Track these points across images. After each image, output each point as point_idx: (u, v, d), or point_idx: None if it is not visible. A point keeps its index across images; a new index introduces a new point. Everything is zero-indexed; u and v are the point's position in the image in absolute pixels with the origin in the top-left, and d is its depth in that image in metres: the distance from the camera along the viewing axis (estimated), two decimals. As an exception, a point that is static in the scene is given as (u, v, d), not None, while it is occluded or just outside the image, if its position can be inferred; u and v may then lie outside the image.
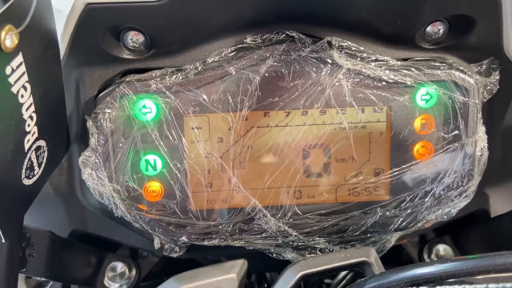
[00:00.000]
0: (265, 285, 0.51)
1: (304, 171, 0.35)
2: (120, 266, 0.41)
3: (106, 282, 0.40)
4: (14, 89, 0.26)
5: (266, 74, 0.33)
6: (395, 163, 0.35)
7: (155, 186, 0.34)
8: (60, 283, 0.41)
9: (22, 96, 0.27)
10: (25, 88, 0.27)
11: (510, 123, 0.37)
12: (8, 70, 0.25)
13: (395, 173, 0.34)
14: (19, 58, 0.25)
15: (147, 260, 0.43)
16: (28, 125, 0.29)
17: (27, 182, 0.31)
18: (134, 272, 0.41)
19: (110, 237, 0.39)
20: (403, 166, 0.34)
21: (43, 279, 0.40)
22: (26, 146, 0.29)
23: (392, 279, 0.24)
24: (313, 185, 0.35)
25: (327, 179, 0.35)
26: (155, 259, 0.42)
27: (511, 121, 0.37)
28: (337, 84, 0.33)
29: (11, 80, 0.25)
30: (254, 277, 0.45)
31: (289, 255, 0.35)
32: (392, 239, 0.36)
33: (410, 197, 0.35)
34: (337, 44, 0.32)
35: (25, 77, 0.26)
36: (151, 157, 0.34)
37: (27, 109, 0.28)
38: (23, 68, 0.26)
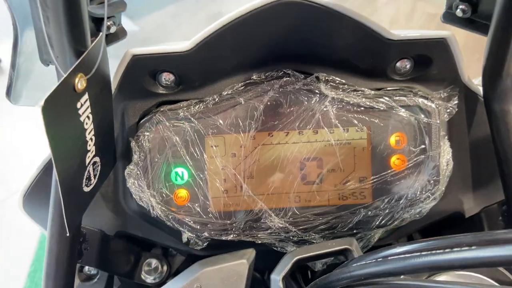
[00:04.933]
0: None
1: (301, 179, 0.41)
2: (154, 262, 0.47)
3: (143, 275, 0.46)
4: (81, 119, 0.34)
5: (268, 103, 0.40)
6: (375, 172, 0.41)
7: (183, 192, 0.41)
8: (105, 278, 0.45)
9: (86, 123, 0.35)
10: (88, 117, 0.34)
11: (475, 138, 0.43)
12: (78, 105, 0.33)
13: (375, 180, 0.41)
14: (85, 96, 0.33)
15: (176, 258, 0.49)
16: (89, 145, 0.35)
17: (86, 189, 0.37)
18: (165, 267, 0.47)
19: (147, 237, 0.45)
20: (382, 174, 0.41)
21: (92, 272, 0.45)
22: (87, 161, 0.36)
23: (368, 258, 0.31)
24: (309, 191, 0.41)
25: (320, 186, 0.41)
26: (182, 257, 0.48)
27: (476, 136, 0.43)
28: (324, 109, 0.40)
29: (80, 112, 0.33)
30: (267, 274, 0.52)
31: (290, 248, 0.42)
32: (375, 235, 0.42)
33: (388, 199, 0.41)
34: (323, 79, 0.40)
35: (89, 110, 0.34)
36: (179, 170, 0.41)
37: (89, 133, 0.35)
38: (87, 103, 0.34)
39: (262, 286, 0.47)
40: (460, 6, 0.36)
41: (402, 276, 0.30)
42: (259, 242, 0.41)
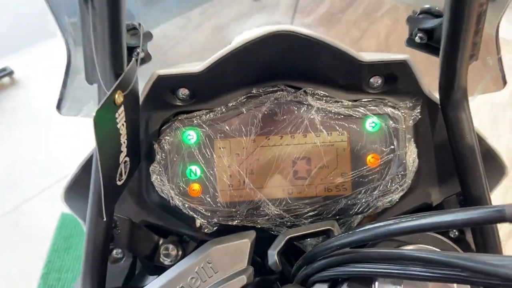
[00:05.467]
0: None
1: (293, 175, 0.49)
2: (171, 247, 0.53)
3: (161, 258, 0.52)
4: (118, 126, 0.39)
5: (265, 112, 0.48)
6: (354, 168, 0.49)
7: (196, 186, 0.49)
8: (129, 261, 0.53)
9: (121, 130, 0.41)
10: (123, 125, 0.41)
11: (437, 140, 0.51)
12: (116, 115, 0.39)
13: (354, 175, 0.49)
14: (122, 108, 0.40)
15: (189, 244, 0.55)
16: (123, 147, 0.41)
17: (118, 183, 0.43)
18: (180, 252, 0.53)
19: (165, 225, 0.52)
20: (359, 170, 0.48)
21: (119, 256, 0.53)
22: (120, 159, 0.42)
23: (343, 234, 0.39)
24: (300, 184, 0.49)
25: (309, 180, 0.49)
26: (194, 243, 0.55)
27: (438, 138, 0.51)
28: (311, 117, 0.48)
29: (117, 120, 0.40)
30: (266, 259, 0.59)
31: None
32: (355, 221, 0.50)
33: (364, 190, 0.49)
34: (310, 92, 0.48)
35: (124, 119, 0.40)
36: (193, 167, 0.49)
37: (123, 137, 0.41)
38: (123, 114, 0.41)
39: (262, 268, 0.55)
40: (419, 34, 0.44)
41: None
42: (259, 227, 0.49)
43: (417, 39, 0.44)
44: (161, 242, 0.53)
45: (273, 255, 0.42)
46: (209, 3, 2.38)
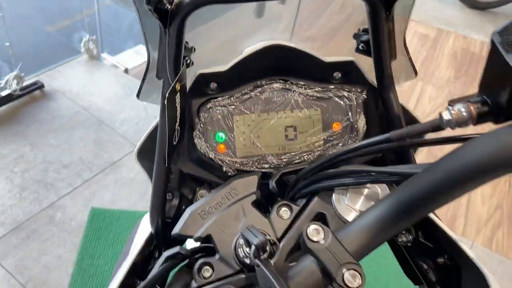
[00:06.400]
0: None
1: (285, 137, 0.66)
2: (204, 192, 0.67)
3: (197, 199, 0.67)
4: (176, 105, 0.54)
5: (266, 96, 0.66)
6: (324, 131, 0.66)
7: (222, 146, 0.66)
8: (177, 201, 0.64)
9: (178, 107, 0.56)
10: (178, 104, 0.55)
11: (379, 112, 0.66)
12: (176, 98, 0.54)
13: (325, 135, 0.67)
14: (179, 94, 0.54)
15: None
16: (178, 119, 0.57)
17: (174, 142, 0.57)
18: None
19: (201, 175, 0.67)
20: (328, 132, 0.67)
21: (170, 197, 0.64)
22: (176, 127, 0.56)
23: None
24: (290, 144, 0.67)
25: (296, 141, 0.66)
26: None
27: (380, 111, 0.65)
28: (296, 99, 0.65)
29: (176, 101, 0.54)
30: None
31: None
32: None
33: (331, 145, 0.66)
34: (295, 83, 0.65)
35: (179, 100, 0.54)
36: (220, 134, 0.66)
37: (178, 112, 0.56)
38: (179, 98, 0.53)
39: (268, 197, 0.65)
40: (361, 45, 0.67)
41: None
42: (264, 171, 0.70)
43: (360, 47, 0.69)
44: (197, 188, 0.69)
45: (272, 183, 0.63)
46: (217, 19, 2.64)
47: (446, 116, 0.41)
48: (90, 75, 2.54)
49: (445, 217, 2.10)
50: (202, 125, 0.67)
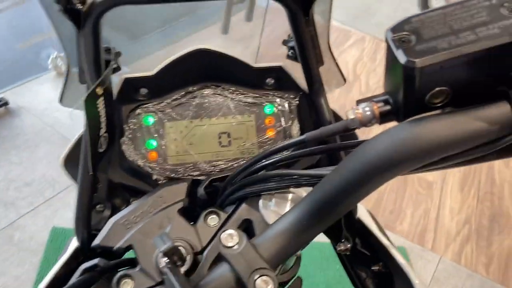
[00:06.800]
0: None
1: (219, 144, 0.65)
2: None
3: None
4: (99, 110, 0.51)
5: (198, 101, 0.64)
6: (258, 138, 0.65)
7: (154, 153, 0.64)
8: (109, 212, 0.62)
9: (101, 113, 0.52)
10: (102, 109, 0.53)
11: (313, 117, 0.65)
12: (98, 102, 0.51)
13: (259, 142, 0.68)
14: (101, 98, 0.51)
15: None
16: (102, 125, 0.53)
17: (100, 150, 0.55)
18: None
19: (131, 184, 0.66)
20: (262, 138, 0.65)
21: (101, 209, 0.62)
22: (101, 133, 0.54)
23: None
24: (224, 151, 0.65)
25: (230, 147, 0.65)
26: None
27: (313, 116, 0.65)
28: (228, 105, 0.64)
29: (98, 106, 0.51)
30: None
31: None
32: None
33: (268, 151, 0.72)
34: (226, 88, 0.64)
35: (103, 105, 0.51)
36: (151, 141, 0.64)
37: (102, 118, 0.53)
38: (102, 102, 0.51)
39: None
40: (290, 51, 0.66)
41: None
42: (195, 178, 0.68)
43: (290, 54, 0.68)
44: (131, 199, 0.66)
45: (200, 189, 0.62)
46: (188, 38, 2.65)
47: (351, 115, 0.41)
48: (57, 91, 2.50)
49: (414, 231, 2.09)
50: (131, 132, 0.66)
